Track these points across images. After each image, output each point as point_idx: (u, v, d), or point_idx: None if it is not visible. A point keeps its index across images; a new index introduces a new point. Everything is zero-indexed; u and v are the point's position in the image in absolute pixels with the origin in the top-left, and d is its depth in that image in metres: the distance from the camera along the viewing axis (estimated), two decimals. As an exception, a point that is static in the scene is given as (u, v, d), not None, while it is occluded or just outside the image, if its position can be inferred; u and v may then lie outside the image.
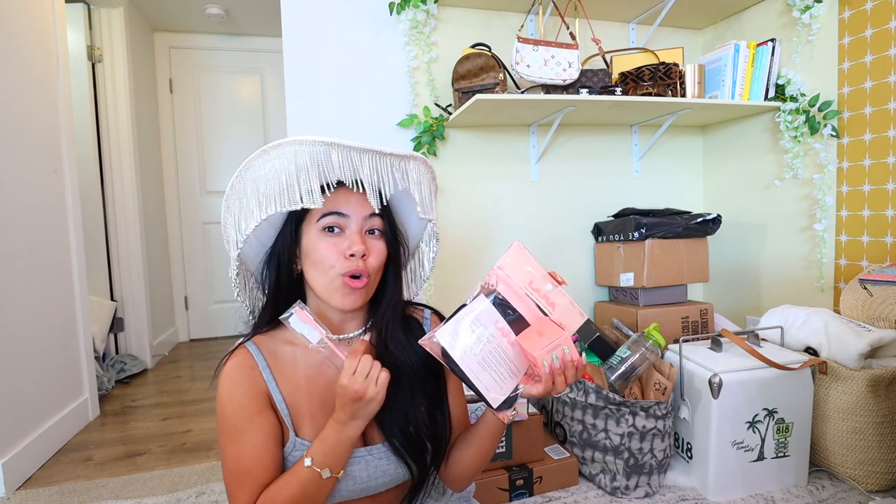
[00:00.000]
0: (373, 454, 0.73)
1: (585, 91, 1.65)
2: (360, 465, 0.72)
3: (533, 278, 0.66)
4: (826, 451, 1.38)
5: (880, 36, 1.51)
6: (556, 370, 0.63)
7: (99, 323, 2.41)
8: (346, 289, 0.70)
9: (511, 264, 0.67)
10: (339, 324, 0.77)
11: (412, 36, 1.75)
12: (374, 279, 0.74)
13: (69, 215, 1.92)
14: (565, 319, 0.66)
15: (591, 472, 1.41)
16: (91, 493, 1.45)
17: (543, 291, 0.66)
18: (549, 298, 0.66)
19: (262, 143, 3.35)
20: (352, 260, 0.70)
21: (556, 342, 0.62)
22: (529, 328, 0.65)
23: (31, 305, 1.66)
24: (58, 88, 1.89)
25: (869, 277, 1.49)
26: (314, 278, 0.72)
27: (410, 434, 0.73)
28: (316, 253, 0.70)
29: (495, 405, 0.65)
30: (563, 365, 0.63)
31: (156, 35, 3.15)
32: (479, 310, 0.65)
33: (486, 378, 0.64)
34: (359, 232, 0.71)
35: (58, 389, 1.80)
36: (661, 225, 1.72)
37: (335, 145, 0.67)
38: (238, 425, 0.68)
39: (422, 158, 0.75)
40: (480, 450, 0.76)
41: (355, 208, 0.71)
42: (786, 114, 1.71)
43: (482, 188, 1.91)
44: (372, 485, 0.73)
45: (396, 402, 0.73)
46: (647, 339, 1.38)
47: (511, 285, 0.66)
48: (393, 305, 0.78)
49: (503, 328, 0.65)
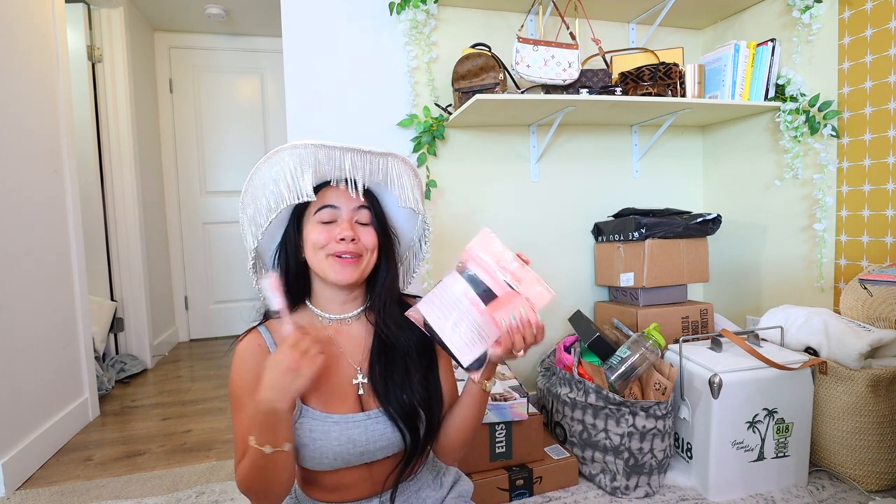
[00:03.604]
0: (371, 418, 0.80)
1: (585, 91, 1.65)
2: (359, 429, 0.78)
3: (500, 258, 0.75)
4: (826, 451, 1.38)
5: (880, 36, 1.51)
6: (514, 328, 0.70)
7: (99, 323, 2.41)
8: (336, 264, 0.79)
9: (480, 246, 0.76)
10: (341, 305, 0.85)
11: (412, 36, 1.75)
12: (369, 260, 0.82)
13: (69, 215, 1.92)
14: (531, 292, 0.73)
15: (591, 472, 1.41)
16: (91, 493, 1.45)
17: (510, 269, 0.75)
18: (515, 275, 0.74)
19: (262, 143, 3.36)
20: (342, 243, 0.79)
21: (515, 305, 0.71)
22: (496, 299, 0.74)
23: (31, 305, 1.66)
24: (58, 88, 1.89)
25: (869, 277, 1.49)
26: (311, 260, 0.81)
27: (405, 403, 0.80)
28: (311, 236, 0.81)
29: (465, 364, 0.74)
30: (520, 324, 0.70)
31: (156, 35, 3.15)
32: (452, 284, 0.76)
33: (458, 341, 0.74)
34: (349, 220, 0.81)
35: (58, 389, 1.80)
36: (661, 225, 1.72)
37: (322, 147, 0.78)
38: (242, 399, 0.76)
39: (401, 156, 0.84)
40: (465, 418, 0.83)
41: (345, 201, 0.81)
42: (786, 114, 1.71)
43: (482, 188, 1.91)
44: (371, 448, 0.79)
45: (393, 375, 0.81)
46: (647, 339, 1.38)
47: (481, 264, 0.75)
48: (388, 287, 0.86)
49: (473, 299, 0.74)
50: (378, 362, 0.82)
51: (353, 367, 0.83)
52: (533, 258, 0.77)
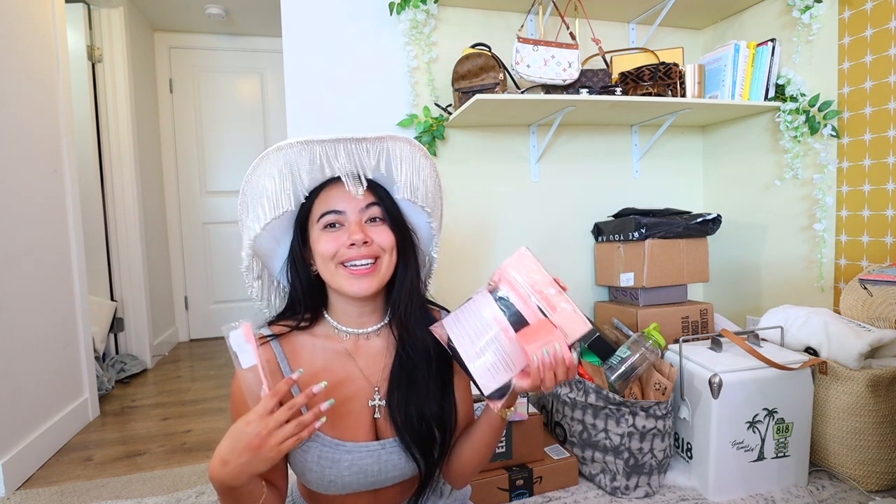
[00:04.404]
0: (385, 448, 0.74)
1: (585, 91, 1.65)
2: (372, 459, 0.73)
3: (536, 281, 0.68)
4: (826, 451, 1.38)
5: (880, 36, 1.51)
6: (546, 365, 0.64)
7: (99, 323, 2.41)
8: (350, 276, 0.71)
9: (516, 266, 0.69)
10: (358, 318, 0.77)
11: (412, 36, 1.75)
12: (388, 262, 0.74)
13: (69, 215, 1.92)
14: (567, 324, 0.67)
15: (591, 472, 1.41)
16: (91, 493, 1.45)
17: (545, 294, 0.68)
18: (550, 301, 0.68)
19: (262, 142, 3.36)
20: (353, 249, 0.70)
21: (549, 339, 0.64)
22: (528, 326, 0.67)
23: (31, 305, 1.66)
24: (58, 88, 1.89)
25: (869, 277, 1.49)
26: (323, 272, 0.74)
27: (421, 429, 0.74)
28: (319, 246, 0.73)
29: (486, 392, 0.68)
30: (553, 361, 0.64)
31: (156, 35, 3.15)
32: (482, 305, 0.69)
33: (482, 367, 0.67)
34: (357, 223, 0.72)
35: (58, 389, 1.80)
36: (661, 225, 1.72)
37: (310, 143, 0.69)
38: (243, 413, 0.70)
39: (404, 138, 0.74)
40: (480, 444, 0.77)
41: (350, 203, 0.72)
42: (786, 114, 1.71)
43: (482, 188, 1.91)
44: (382, 478, 0.74)
45: (412, 394, 0.75)
46: (647, 339, 1.38)
47: (514, 286, 0.68)
48: (408, 290, 0.77)
49: (502, 323, 0.68)
50: (398, 387, 0.75)
51: (370, 386, 0.76)
52: (533, 258, 0.73)
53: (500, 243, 1.94)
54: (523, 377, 0.66)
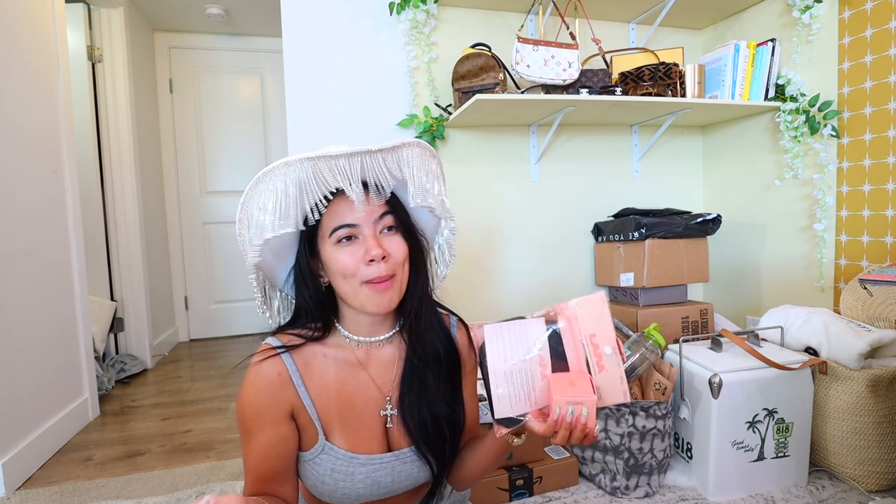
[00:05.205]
0: (400, 459, 0.74)
1: (585, 91, 1.65)
2: (385, 471, 0.73)
3: (597, 333, 0.65)
4: (826, 451, 1.38)
5: (880, 36, 1.51)
6: (565, 423, 0.61)
7: (99, 323, 2.41)
8: (373, 295, 0.69)
9: (584, 307, 0.65)
10: (369, 327, 0.76)
11: (412, 36, 1.75)
12: (403, 275, 0.72)
13: (69, 215, 1.92)
14: (606, 387, 0.64)
15: (591, 472, 1.41)
16: (91, 493, 1.45)
17: (600, 351, 0.64)
18: (601, 359, 0.64)
19: (262, 142, 3.36)
20: (372, 265, 0.68)
21: (581, 399, 0.61)
22: (566, 373, 0.64)
23: (31, 305, 1.66)
24: (58, 88, 1.89)
25: (869, 277, 1.49)
26: (340, 288, 0.71)
27: (434, 431, 0.74)
28: (336, 264, 0.69)
29: (497, 416, 0.65)
30: (574, 422, 0.61)
31: (156, 35, 3.15)
32: (531, 329, 0.66)
33: (503, 389, 0.64)
34: (373, 236, 0.69)
35: (58, 389, 1.80)
36: (661, 225, 1.72)
37: (321, 158, 0.65)
38: (252, 428, 0.70)
39: (415, 142, 0.72)
40: (485, 458, 0.77)
41: (362, 215, 0.69)
42: (786, 114, 1.71)
43: (482, 188, 1.91)
44: (394, 488, 0.75)
45: (424, 397, 0.74)
46: (647, 339, 1.38)
47: (573, 326, 0.65)
48: (419, 297, 0.76)
49: (543, 358, 0.65)
50: (409, 392, 0.74)
51: (382, 396, 0.75)
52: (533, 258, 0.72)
53: (500, 243, 1.94)
54: (539, 418, 0.64)
